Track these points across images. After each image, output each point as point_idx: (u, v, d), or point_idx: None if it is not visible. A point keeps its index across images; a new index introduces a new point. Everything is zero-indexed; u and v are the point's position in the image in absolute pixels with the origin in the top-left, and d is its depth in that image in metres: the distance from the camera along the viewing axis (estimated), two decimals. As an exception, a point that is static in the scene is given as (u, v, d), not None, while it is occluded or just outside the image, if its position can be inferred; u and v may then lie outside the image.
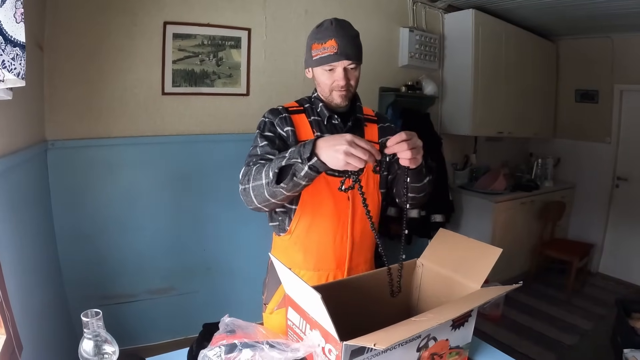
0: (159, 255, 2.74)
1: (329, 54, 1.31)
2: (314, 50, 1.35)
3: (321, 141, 1.08)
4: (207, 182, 2.82)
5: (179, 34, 2.64)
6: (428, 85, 3.77)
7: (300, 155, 1.08)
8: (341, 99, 1.37)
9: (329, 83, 1.35)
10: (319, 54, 1.33)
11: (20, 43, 1.10)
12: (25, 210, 1.90)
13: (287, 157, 1.11)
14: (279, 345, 0.94)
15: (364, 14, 3.32)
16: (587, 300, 4.04)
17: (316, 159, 1.07)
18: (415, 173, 1.26)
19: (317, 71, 1.38)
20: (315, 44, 1.34)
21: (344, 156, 1.02)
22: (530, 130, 4.73)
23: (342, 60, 1.31)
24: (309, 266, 1.42)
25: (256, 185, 1.18)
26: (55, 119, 2.35)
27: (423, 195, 1.41)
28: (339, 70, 1.33)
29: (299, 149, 1.10)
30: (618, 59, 4.43)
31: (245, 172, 1.25)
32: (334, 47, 1.30)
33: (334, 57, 1.31)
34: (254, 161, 1.28)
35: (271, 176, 1.13)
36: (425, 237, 3.58)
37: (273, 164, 1.14)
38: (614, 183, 4.62)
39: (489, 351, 1.30)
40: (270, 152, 1.30)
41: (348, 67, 1.33)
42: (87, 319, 0.91)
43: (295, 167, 1.10)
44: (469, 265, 1.25)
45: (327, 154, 1.05)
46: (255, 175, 1.19)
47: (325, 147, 1.06)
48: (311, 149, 1.07)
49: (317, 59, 1.34)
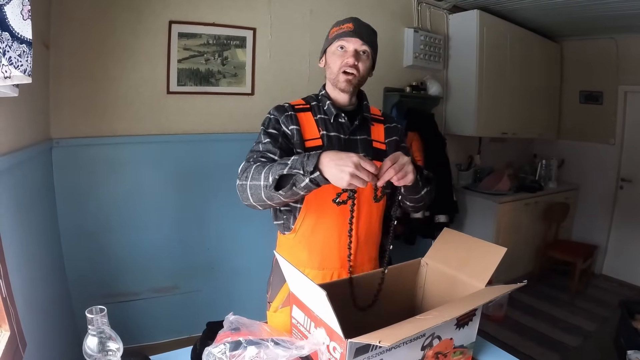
0: (163, 254, 2.74)
1: (345, 31, 1.36)
2: (330, 34, 1.41)
3: (326, 157, 1.07)
4: (212, 181, 2.82)
5: (184, 33, 2.64)
6: (432, 86, 3.76)
7: (303, 167, 1.08)
8: (346, 84, 1.37)
9: (338, 63, 1.37)
10: (336, 32, 1.39)
11: (27, 40, 1.11)
12: (30, 207, 1.90)
13: (289, 165, 1.11)
14: (284, 343, 0.94)
15: (368, 14, 3.29)
16: (591, 302, 4.02)
17: (319, 174, 1.07)
18: (411, 188, 1.26)
19: (330, 50, 1.41)
20: (334, 28, 1.41)
21: (349, 177, 1.02)
22: (535, 131, 4.72)
23: (355, 37, 1.35)
24: (313, 265, 1.41)
25: (254, 184, 1.18)
26: (60, 116, 2.36)
27: (422, 204, 1.42)
28: (351, 49, 1.36)
29: (302, 160, 1.09)
30: (622, 60, 4.41)
31: (244, 168, 1.24)
32: (350, 27, 1.36)
33: (348, 34, 1.36)
34: (254, 158, 1.28)
35: (270, 181, 1.13)
36: (429, 237, 3.58)
37: (274, 169, 1.13)
38: (618, 184, 4.60)
39: (493, 351, 1.30)
40: (271, 150, 1.30)
41: (360, 49, 1.36)
42: (91, 315, 0.91)
43: (295, 177, 1.10)
44: (474, 264, 1.25)
45: (332, 172, 1.05)
46: (255, 174, 1.19)
47: (331, 164, 1.05)
48: (315, 163, 1.07)
49: (333, 35, 1.39)
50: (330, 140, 1.39)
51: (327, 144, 1.38)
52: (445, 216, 3.68)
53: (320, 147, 1.37)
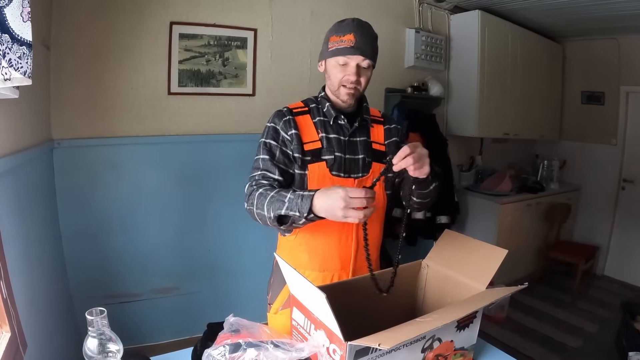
0: (163, 255, 2.74)
1: (346, 46, 1.32)
2: (331, 42, 1.37)
3: (317, 200, 1.11)
4: (213, 182, 2.83)
5: (185, 34, 2.64)
6: (434, 86, 3.76)
7: (299, 209, 1.13)
8: (348, 97, 1.37)
9: (340, 77, 1.35)
10: (336, 45, 1.35)
11: (27, 42, 1.11)
12: (31, 208, 1.90)
13: (287, 205, 1.17)
14: (284, 345, 0.94)
15: (370, 14, 3.31)
16: (592, 303, 4.01)
17: (314, 215, 1.13)
18: (422, 181, 1.25)
19: (330, 63, 1.38)
20: (334, 37, 1.36)
21: (342, 216, 1.07)
22: (536, 131, 4.71)
23: (357, 54, 1.32)
24: (314, 267, 1.41)
25: (260, 213, 1.25)
26: (61, 118, 2.36)
27: (429, 201, 1.40)
28: (352, 65, 1.34)
29: (297, 202, 1.14)
30: (624, 60, 4.40)
31: (249, 193, 1.31)
32: (351, 41, 1.32)
33: (349, 50, 1.32)
34: (256, 179, 1.34)
35: (272, 216, 1.21)
36: (431, 238, 3.57)
37: (274, 205, 1.20)
38: (620, 185, 4.59)
39: (493, 353, 1.29)
40: (270, 168, 1.35)
41: (361, 64, 1.34)
42: (91, 317, 0.91)
43: (294, 217, 1.16)
44: (474, 266, 1.25)
45: (324, 212, 1.11)
46: (258, 204, 1.25)
47: (324, 207, 1.10)
48: (309, 207, 1.11)
49: (333, 49, 1.35)
50: (329, 143, 1.39)
51: (327, 146, 1.38)
52: (446, 217, 3.68)
53: (319, 150, 1.37)
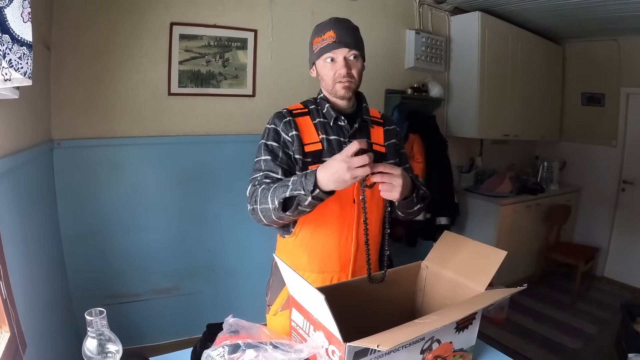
0: (163, 255, 2.75)
1: (328, 43, 1.35)
2: (314, 45, 1.40)
3: (320, 173, 1.11)
4: (213, 183, 2.83)
5: (186, 35, 2.65)
6: (434, 88, 3.76)
7: (303, 187, 1.13)
8: (345, 91, 1.37)
9: (331, 74, 1.37)
10: (319, 45, 1.37)
11: (27, 42, 1.11)
12: (31, 209, 1.90)
13: (290, 187, 1.16)
14: (283, 346, 0.94)
15: (370, 15, 3.32)
16: (592, 305, 4.01)
17: (319, 191, 1.12)
18: (405, 202, 1.30)
19: (319, 64, 1.40)
20: (316, 38, 1.40)
21: (350, 177, 1.06)
22: (536, 133, 4.71)
23: (341, 48, 1.34)
24: (313, 268, 1.41)
25: (264, 208, 1.24)
26: (61, 118, 2.36)
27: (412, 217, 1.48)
28: (340, 59, 1.35)
29: (301, 180, 1.14)
30: (625, 62, 4.40)
31: (252, 192, 1.30)
32: (332, 37, 1.34)
33: (332, 46, 1.34)
34: (258, 180, 1.33)
35: (277, 204, 1.19)
36: (430, 239, 3.56)
37: (278, 192, 1.19)
38: (620, 187, 4.59)
39: (493, 354, 1.29)
40: (273, 169, 1.34)
41: (348, 56, 1.36)
42: (91, 318, 0.91)
43: (299, 198, 1.15)
44: (474, 267, 1.25)
45: (334, 184, 1.10)
46: (262, 199, 1.24)
47: (328, 178, 1.09)
48: (313, 182, 1.11)
49: (318, 50, 1.38)
50: (330, 144, 1.38)
51: (327, 148, 1.38)
52: (446, 218, 3.68)
53: (320, 152, 1.37)
